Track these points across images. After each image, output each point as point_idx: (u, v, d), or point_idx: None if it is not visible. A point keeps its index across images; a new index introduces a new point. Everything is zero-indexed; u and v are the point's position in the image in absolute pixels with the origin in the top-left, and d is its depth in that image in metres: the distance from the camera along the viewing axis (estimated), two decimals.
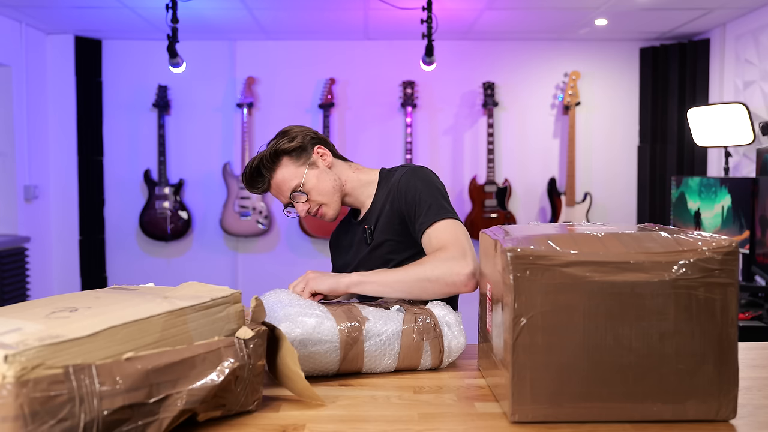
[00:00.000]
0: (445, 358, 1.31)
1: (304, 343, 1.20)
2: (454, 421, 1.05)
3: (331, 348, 1.22)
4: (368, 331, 1.26)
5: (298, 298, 1.34)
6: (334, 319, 1.25)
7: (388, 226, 1.56)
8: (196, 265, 4.42)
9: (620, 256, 1.02)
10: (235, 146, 4.39)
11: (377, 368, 1.28)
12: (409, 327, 1.29)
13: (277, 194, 1.63)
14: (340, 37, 4.29)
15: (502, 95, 4.41)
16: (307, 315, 1.24)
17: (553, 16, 3.82)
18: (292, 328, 1.20)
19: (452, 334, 1.31)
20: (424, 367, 1.31)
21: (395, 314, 1.31)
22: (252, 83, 4.31)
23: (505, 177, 4.40)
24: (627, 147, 4.47)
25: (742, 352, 1.49)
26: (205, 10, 3.61)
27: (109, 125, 4.40)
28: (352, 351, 1.24)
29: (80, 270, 4.35)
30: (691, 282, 1.01)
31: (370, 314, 1.29)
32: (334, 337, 1.22)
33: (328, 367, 1.24)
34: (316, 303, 1.33)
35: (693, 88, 4.17)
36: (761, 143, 3.38)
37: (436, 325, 1.30)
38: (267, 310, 1.27)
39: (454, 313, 1.34)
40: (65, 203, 4.33)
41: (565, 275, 1.01)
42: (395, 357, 1.28)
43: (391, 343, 1.27)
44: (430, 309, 1.35)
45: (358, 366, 1.26)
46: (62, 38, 4.25)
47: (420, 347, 1.28)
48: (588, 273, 1.01)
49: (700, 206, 3.28)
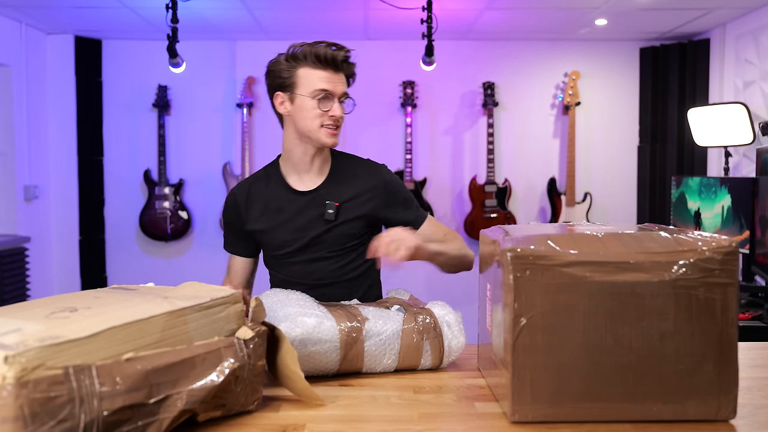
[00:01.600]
0: (445, 358, 1.31)
1: (304, 343, 1.20)
2: (454, 421, 1.05)
3: (331, 348, 1.22)
4: (368, 331, 1.25)
5: (297, 298, 1.34)
6: (334, 319, 1.25)
7: (359, 211, 1.65)
8: (196, 265, 4.42)
9: (620, 256, 1.02)
10: (235, 146, 4.39)
11: (377, 368, 1.28)
12: (409, 327, 1.29)
13: (335, 83, 1.59)
14: (340, 37, 4.29)
15: (502, 95, 4.41)
16: (307, 315, 1.24)
17: (553, 16, 3.82)
18: (292, 328, 1.20)
19: (452, 333, 1.31)
20: (424, 366, 1.31)
21: (395, 314, 1.31)
22: (252, 83, 4.31)
23: (505, 177, 4.40)
24: (627, 147, 4.47)
25: (742, 352, 1.49)
26: (205, 10, 3.60)
27: (109, 125, 4.40)
28: (352, 351, 1.24)
29: (80, 270, 4.35)
30: (691, 282, 1.01)
31: (370, 314, 1.29)
32: (334, 336, 1.22)
33: (329, 367, 1.24)
34: (316, 303, 1.33)
35: (693, 88, 4.16)
36: (761, 143, 3.38)
37: (436, 324, 1.31)
38: (267, 309, 1.27)
39: (454, 312, 1.35)
40: (65, 203, 4.33)
41: (566, 275, 1.01)
42: (395, 357, 1.28)
43: (391, 342, 1.27)
44: (429, 309, 1.35)
45: (358, 366, 1.26)
46: (62, 38, 4.25)
47: (420, 347, 1.28)
48: (588, 273, 1.01)
49: (700, 206, 3.27)
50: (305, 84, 1.58)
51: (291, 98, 1.62)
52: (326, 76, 1.58)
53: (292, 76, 1.60)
